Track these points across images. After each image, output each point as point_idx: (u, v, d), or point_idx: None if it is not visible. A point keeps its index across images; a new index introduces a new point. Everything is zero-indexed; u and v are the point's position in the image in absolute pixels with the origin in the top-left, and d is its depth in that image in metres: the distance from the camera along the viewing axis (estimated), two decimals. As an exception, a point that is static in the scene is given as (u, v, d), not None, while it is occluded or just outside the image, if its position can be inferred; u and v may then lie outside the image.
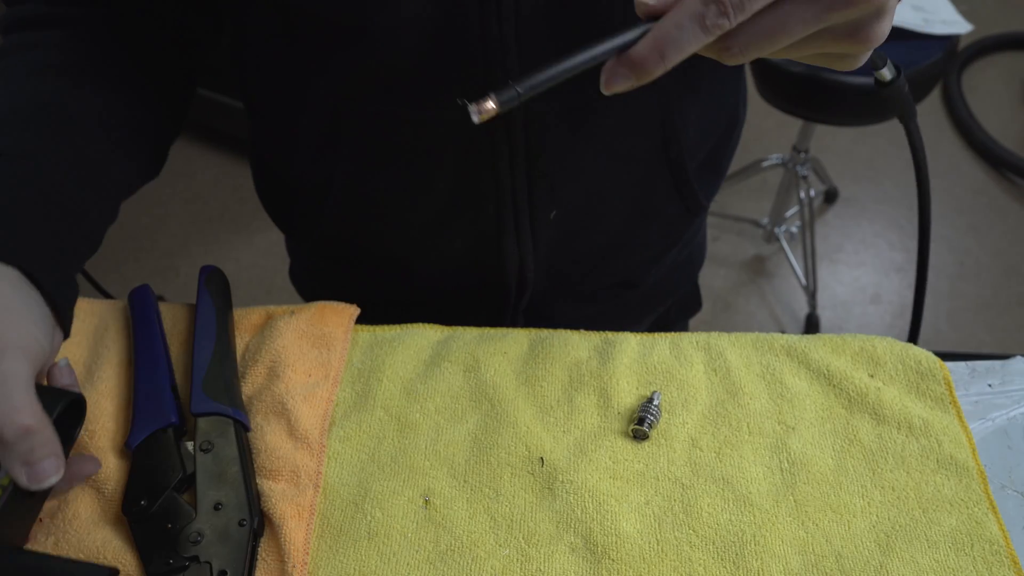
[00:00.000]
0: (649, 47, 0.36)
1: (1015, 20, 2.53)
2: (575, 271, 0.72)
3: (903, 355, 0.58)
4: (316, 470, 0.52)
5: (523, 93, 0.37)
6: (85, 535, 0.48)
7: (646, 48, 0.36)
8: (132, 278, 1.95)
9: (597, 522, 0.50)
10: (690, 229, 0.78)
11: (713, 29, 0.35)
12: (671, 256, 0.78)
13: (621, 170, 0.64)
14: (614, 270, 0.74)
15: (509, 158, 0.59)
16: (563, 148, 0.59)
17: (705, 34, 0.35)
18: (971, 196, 2.14)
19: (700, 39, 0.35)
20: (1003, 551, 0.49)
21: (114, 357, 0.57)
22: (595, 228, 0.68)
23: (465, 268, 0.69)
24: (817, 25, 0.36)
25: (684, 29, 0.35)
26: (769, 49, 0.37)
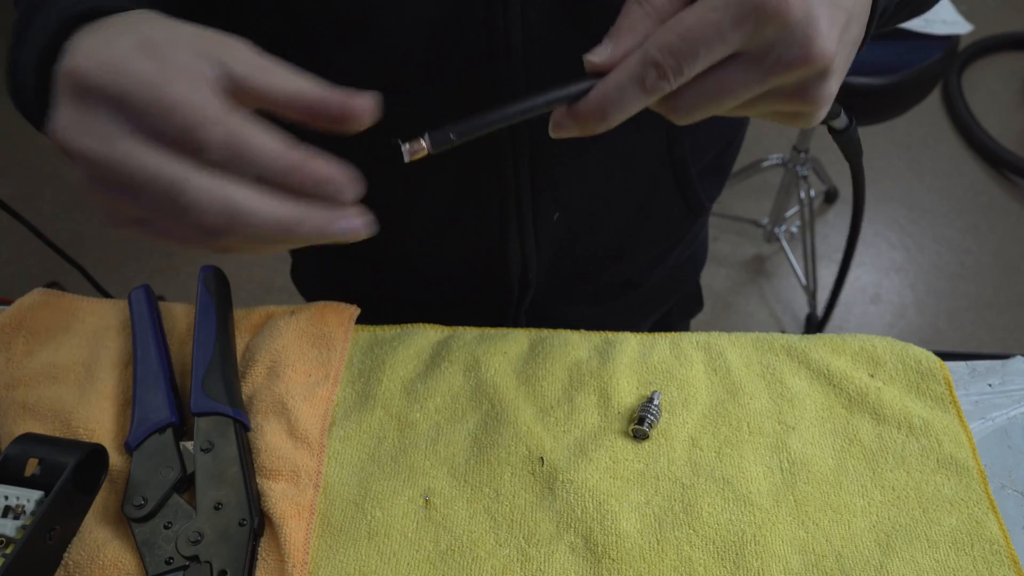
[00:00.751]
0: (592, 106, 0.37)
1: (1015, 20, 2.53)
2: (578, 272, 0.72)
3: (903, 355, 0.58)
4: (316, 470, 0.52)
5: (456, 139, 0.38)
6: (86, 535, 0.48)
7: (589, 106, 0.37)
8: (132, 278, 1.95)
9: (597, 522, 0.50)
10: (692, 229, 0.78)
11: (653, 91, 0.36)
12: (673, 256, 0.78)
13: (625, 172, 0.64)
14: (617, 271, 0.75)
15: (513, 160, 0.59)
16: (567, 150, 0.59)
17: (646, 96, 0.36)
18: (971, 196, 2.14)
19: (641, 100, 0.36)
20: (1003, 551, 0.49)
21: (114, 357, 0.57)
22: (598, 229, 0.68)
23: (468, 269, 0.69)
24: (760, 88, 0.36)
25: (625, 91, 0.36)
26: (716, 110, 0.37)
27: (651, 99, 0.36)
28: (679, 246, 0.78)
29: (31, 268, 1.95)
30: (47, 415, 0.53)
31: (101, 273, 0.83)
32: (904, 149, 2.25)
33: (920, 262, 2.00)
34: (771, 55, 0.35)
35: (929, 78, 1.45)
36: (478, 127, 0.38)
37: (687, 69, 0.35)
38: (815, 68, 0.36)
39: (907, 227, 2.07)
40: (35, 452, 0.47)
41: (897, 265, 1.99)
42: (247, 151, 0.33)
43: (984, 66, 2.46)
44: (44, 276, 1.85)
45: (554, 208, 0.63)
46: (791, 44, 0.35)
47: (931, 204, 2.12)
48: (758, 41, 0.35)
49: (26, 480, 0.46)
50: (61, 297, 0.60)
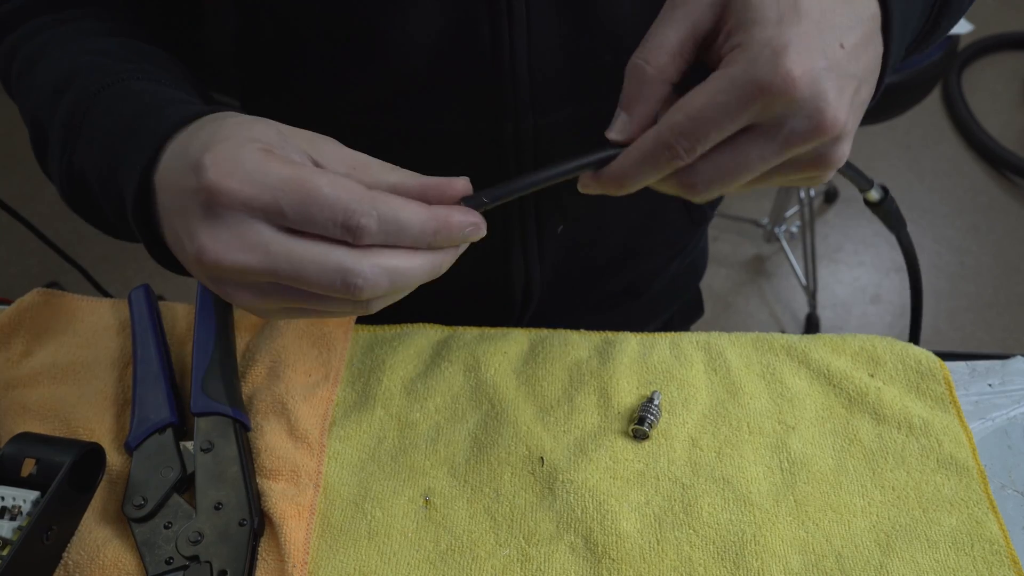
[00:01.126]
0: (612, 177, 0.40)
1: (1015, 20, 2.53)
2: (580, 282, 0.72)
3: (903, 355, 0.58)
4: (316, 470, 0.52)
5: (488, 203, 0.40)
6: (85, 534, 0.48)
7: (609, 177, 0.40)
8: (132, 278, 1.94)
9: (597, 522, 0.50)
10: (694, 238, 0.78)
11: (667, 168, 0.38)
12: (675, 265, 0.78)
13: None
14: (619, 280, 0.75)
15: (518, 171, 0.58)
16: None
17: (659, 171, 0.38)
18: (971, 196, 2.14)
19: (655, 175, 0.38)
20: (1003, 551, 0.49)
21: (114, 357, 0.57)
22: (601, 241, 0.68)
23: (471, 281, 0.68)
24: (777, 160, 0.37)
25: (641, 167, 0.38)
26: (733, 184, 0.38)
27: (664, 173, 0.38)
28: (680, 255, 0.78)
29: (31, 268, 1.95)
30: (47, 415, 0.53)
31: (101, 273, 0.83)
32: (904, 149, 2.25)
33: (920, 262, 2.00)
34: (783, 129, 0.36)
35: (929, 78, 1.45)
36: (508, 193, 0.41)
37: (698, 147, 0.37)
38: (828, 136, 0.36)
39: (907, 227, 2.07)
40: (31, 452, 0.47)
41: (897, 265, 1.98)
42: (400, 228, 0.36)
43: (984, 66, 2.46)
44: (44, 276, 1.85)
45: (558, 220, 0.63)
46: (802, 117, 0.35)
47: (931, 204, 2.12)
48: (768, 116, 0.36)
49: (23, 480, 0.46)
50: (61, 297, 0.60)
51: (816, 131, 0.36)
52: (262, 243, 0.35)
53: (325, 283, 0.35)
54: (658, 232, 0.71)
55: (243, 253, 0.35)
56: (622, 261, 0.72)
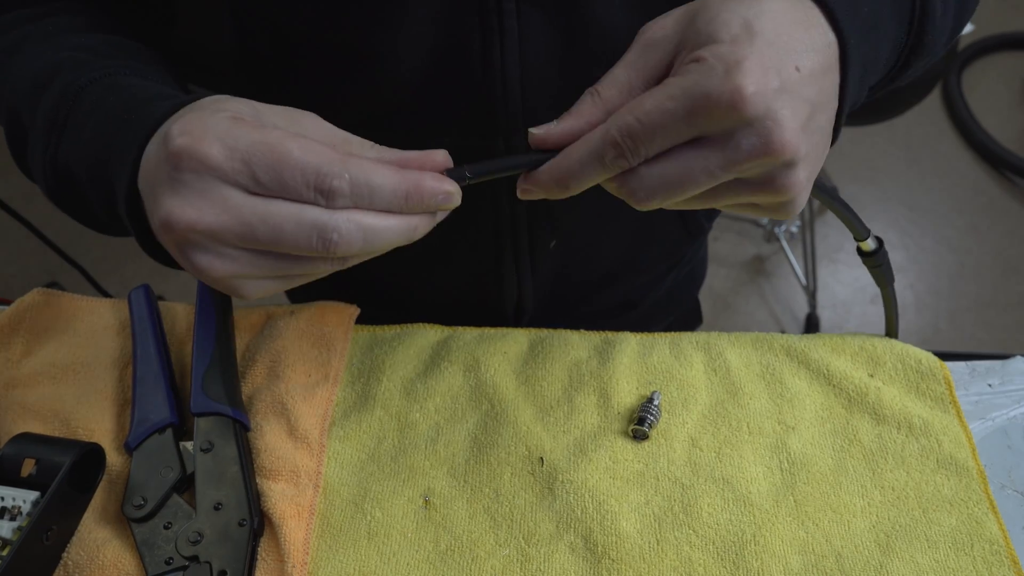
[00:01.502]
0: (552, 176, 0.39)
1: (1015, 20, 2.53)
2: (574, 296, 0.71)
3: (903, 355, 0.58)
4: (316, 470, 0.52)
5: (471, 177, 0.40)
6: (85, 534, 0.48)
7: (549, 176, 0.39)
8: (132, 278, 1.94)
9: (597, 522, 0.50)
10: (691, 250, 0.77)
11: (611, 168, 0.37)
12: (671, 277, 0.78)
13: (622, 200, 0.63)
14: (613, 293, 0.74)
15: (508, 189, 0.58)
16: None
17: (603, 170, 0.38)
18: (971, 196, 2.14)
19: (599, 174, 0.38)
20: (1003, 551, 0.49)
21: (114, 357, 0.57)
22: (595, 256, 0.67)
23: (464, 297, 0.68)
24: (723, 175, 0.37)
25: (585, 164, 0.38)
26: (678, 196, 0.38)
27: (609, 174, 0.38)
28: (677, 267, 0.77)
29: (31, 268, 1.95)
30: (47, 415, 0.53)
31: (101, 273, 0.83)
32: (904, 149, 2.25)
33: (920, 262, 2.00)
34: (730, 144, 0.36)
35: (929, 78, 1.45)
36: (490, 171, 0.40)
37: (644, 150, 0.36)
38: (778, 159, 0.36)
39: (907, 227, 2.07)
40: (31, 452, 0.47)
41: (897, 265, 1.98)
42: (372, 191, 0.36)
43: (984, 66, 2.45)
44: (44, 276, 1.85)
45: (551, 237, 0.63)
46: (751, 134, 0.35)
47: (931, 204, 2.12)
48: (716, 130, 0.36)
49: (22, 480, 0.46)
50: (61, 297, 0.60)
51: (764, 150, 0.35)
52: (235, 206, 0.35)
53: (302, 240, 0.36)
54: (653, 246, 0.70)
55: (215, 215, 0.35)
56: (616, 275, 0.71)
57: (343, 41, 0.51)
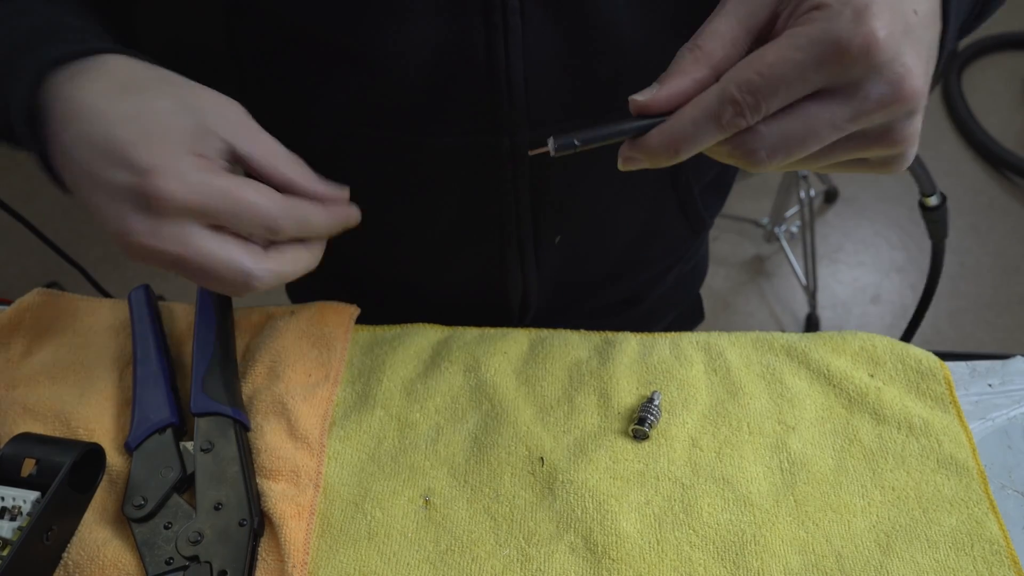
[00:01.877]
0: (664, 141, 0.36)
1: (1015, 20, 2.53)
2: (579, 292, 0.71)
3: (903, 355, 0.58)
4: (316, 470, 0.52)
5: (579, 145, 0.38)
6: (85, 534, 0.48)
7: (660, 141, 0.36)
8: (132, 278, 1.94)
9: (597, 522, 0.50)
10: (694, 246, 0.77)
11: (729, 127, 0.35)
12: (674, 272, 0.78)
13: (627, 195, 0.63)
14: (617, 289, 0.74)
15: (513, 184, 0.58)
16: (570, 174, 0.59)
17: (721, 132, 0.35)
18: (971, 196, 2.14)
19: (715, 136, 0.35)
20: (1003, 551, 0.49)
21: (114, 357, 0.57)
22: (600, 251, 0.68)
23: (468, 292, 0.68)
24: (849, 127, 0.35)
25: (700, 126, 0.35)
26: (799, 153, 0.36)
27: (725, 135, 0.36)
28: (680, 263, 0.77)
29: (31, 268, 1.96)
30: (47, 415, 0.53)
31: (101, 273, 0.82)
32: (904, 149, 2.25)
33: (920, 262, 2.00)
34: (859, 94, 0.34)
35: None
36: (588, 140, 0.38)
37: (765, 106, 0.34)
38: (906, 106, 0.34)
39: (907, 227, 2.07)
40: (31, 452, 0.47)
41: (897, 265, 1.99)
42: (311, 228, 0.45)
43: (984, 66, 2.46)
44: (44, 276, 1.85)
45: (556, 232, 0.63)
46: (880, 82, 0.33)
47: (931, 204, 2.12)
48: (844, 80, 0.34)
49: (23, 481, 0.46)
50: (61, 297, 0.60)
51: (895, 98, 0.34)
52: (190, 241, 0.41)
53: (228, 279, 0.43)
54: (656, 241, 0.70)
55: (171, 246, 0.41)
56: (620, 271, 0.71)
57: (343, 38, 0.51)
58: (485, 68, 0.51)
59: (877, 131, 0.36)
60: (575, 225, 0.63)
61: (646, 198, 0.64)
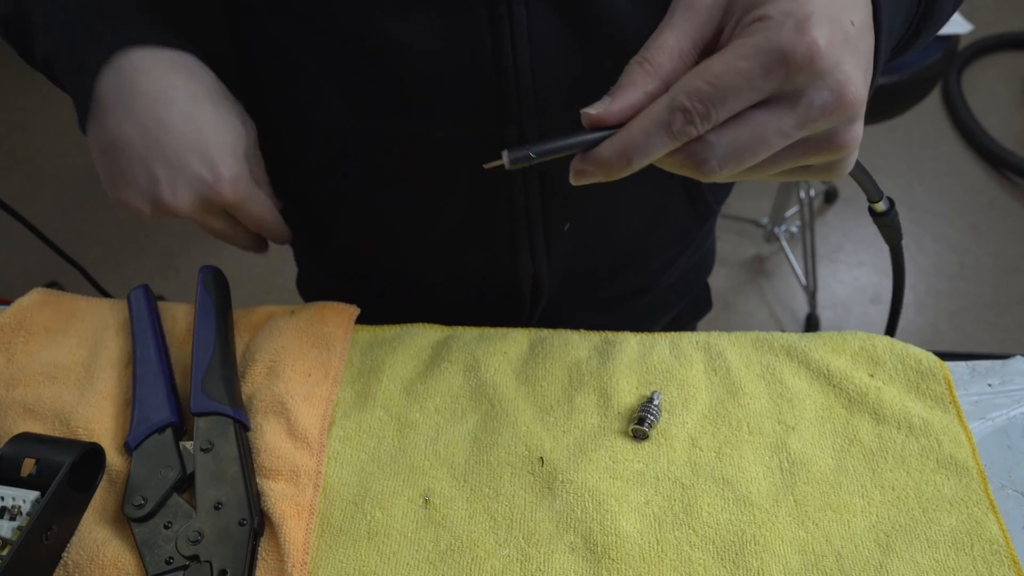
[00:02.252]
0: (616, 151, 0.37)
1: (1015, 20, 2.53)
2: (589, 281, 0.72)
3: (903, 355, 0.58)
4: (316, 470, 0.52)
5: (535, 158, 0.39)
6: (85, 534, 0.48)
7: (612, 152, 0.37)
8: (132, 278, 1.95)
9: (597, 522, 0.50)
10: (701, 234, 0.78)
11: (679, 136, 0.36)
12: (683, 261, 0.78)
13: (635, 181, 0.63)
14: (627, 278, 0.74)
15: (522, 173, 0.58)
16: None
17: (672, 141, 0.36)
18: (971, 196, 2.14)
19: (666, 145, 0.36)
20: (1003, 551, 0.49)
21: (113, 357, 0.57)
22: (609, 239, 0.68)
23: (479, 283, 0.68)
24: (796, 135, 0.36)
25: (651, 135, 0.36)
26: (749, 161, 0.37)
27: (676, 144, 0.36)
28: (688, 251, 0.77)
29: (31, 268, 1.95)
30: (47, 415, 0.53)
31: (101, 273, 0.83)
32: (904, 149, 2.25)
33: (920, 262, 2.00)
34: (803, 101, 0.35)
35: (929, 78, 1.45)
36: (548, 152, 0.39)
37: (715, 115, 0.35)
38: (848, 113, 0.35)
39: (907, 227, 2.07)
40: (31, 452, 0.47)
41: (897, 265, 1.98)
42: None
43: (984, 66, 2.46)
44: (44, 276, 1.85)
45: (565, 220, 0.63)
46: (823, 89, 0.35)
47: (931, 204, 2.12)
48: (789, 87, 0.35)
49: (22, 480, 0.46)
50: (61, 297, 0.60)
51: (838, 104, 0.35)
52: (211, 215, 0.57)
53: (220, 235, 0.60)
54: (664, 228, 0.71)
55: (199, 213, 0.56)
56: (629, 259, 0.72)
57: (349, 30, 0.51)
58: (492, 58, 0.51)
59: (821, 137, 0.37)
60: (584, 212, 0.63)
61: (653, 184, 0.65)
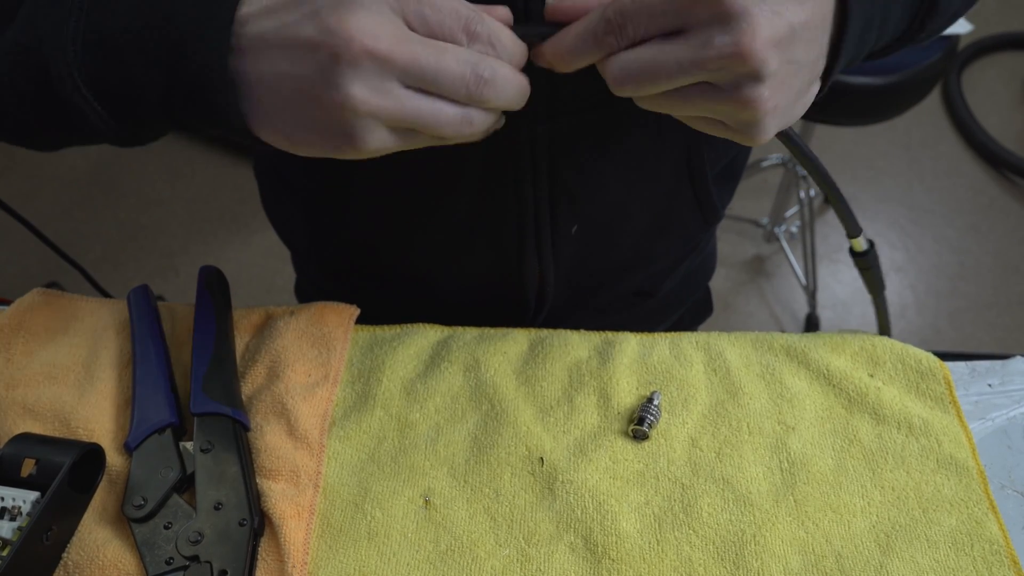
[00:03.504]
0: (553, 49, 0.41)
1: (1015, 20, 2.53)
2: (594, 284, 0.72)
3: (903, 355, 0.58)
4: (316, 470, 0.52)
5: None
6: (86, 535, 0.48)
7: (551, 50, 0.42)
8: (132, 278, 1.95)
9: (597, 522, 0.50)
10: (705, 237, 0.78)
11: (601, 45, 0.40)
12: (686, 264, 0.78)
13: (644, 184, 0.63)
14: (631, 281, 0.74)
15: (532, 175, 0.58)
16: (588, 164, 0.59)
17: (597, 48, 0.40)
18: (971, 196, 2.14)
19: (593, 51, 0.40)
20: (1003, 551, 0.49)
21: (114, 357, 0.57)
22: (616, 242, 0.68)
23: (485, 284, 0.68)
24: (691, 70, 0.38)
25: (581, 39, 0.40)
26: (648, 85, 0.40)
27: (601, 53, 0.40)
28: (691, 255, 0.78)
29: (31, 268, 1.96)
30: (47, 415, 0.53)
31: (101, 273, 0.83)
32: (904, 149, 2.25)
33: (920, 262, 2.00)
34: (702, 38, 0.38)
35: (929, 78, 1.45)
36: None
37: (631, 30, 0.39)
38: (745, 66, 0.37)
39: (907, 227, 2.07)
40: (31, 452, 0.47)
41: (897, 265, 1.99)
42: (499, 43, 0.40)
43: (984, 66, 2.46)
44: (44, 276, 1.85)
45: (572, 222, 0.63)
46: (724, 33, 0.37)
47: (931, 204, 2.12)
48: (694, 23, 0.38)
49: (22, 481, 0.46)
50: (60, 297, 0.60)
51: (734, 52, 0.37)
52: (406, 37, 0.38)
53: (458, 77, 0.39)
54: (672, 233, 0.71)
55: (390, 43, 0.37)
56: (636, 262, 0.72)
57: None
58: None
59: (726, 88, 0.39)
60: (592, 215, 0.63)
61: (662, 185, 0.65)
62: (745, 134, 0.42)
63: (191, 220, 2.09)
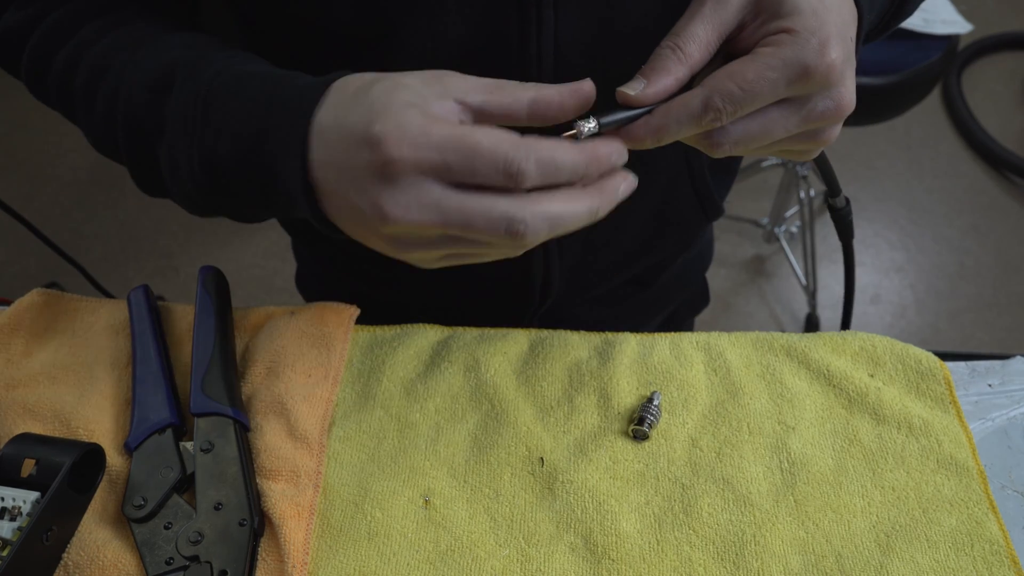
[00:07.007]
0: (650, 131, 0.42)
1: (1015, 20, 2.53)
2: (592, 277, 0.72)
3: (903, 355, 0.58)
4: (316, 470, 0.52)
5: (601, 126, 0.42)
6: (85, 535, 0.48)
7: (647, 131, 0.42)
8: (132, 278, 1.95)
9: (597, 522, 0.50)
10: (703, 230, 0.78)
11: (706, 127, 0.42)
12: (683, 256, 0.79)
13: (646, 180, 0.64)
14: (630, 274, 0.75)
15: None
16: None
17: (698, 129, 0.42)
18: (971, 196, 2.14)
19: (693, 132, 0.42)
20: (1003, 551, 0.49)
21: (114, 357, 0.57)
22: (619, 237, 0.69)
23: (489, 280, 0.68)
24: (796, 131, 0.42)
25: (682, 123, 0.41)
26: (753, 147, 0.43)
27: (700, 131, 0.42)
28: (689, 248, 0.78)
29: (31, 268, 1.95)
30: (47, 415, 0.53)
31: (101, 273, 0.83)
32: (904, 149, 2.25)
33: (920, 262, 2.00)
34: (808, 106, 0.41)
35: (929, 78, 1.45)
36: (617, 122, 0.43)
37: (740, 113, 0.41)
38: (841, 118, 0.42)
39: (907, 227, 2.07)
40: (31, 452, 0.47)
41: (897, 265, 1.98)
42: (557, 166, 0.39)
43: (984, 66, 2.45)
44: (44, 276, 1.85)
45: None
46: (828, 99, 0.41)
47: (931, 204, 2.12)
48: (800, 93, 0.41)
49: (23, 481, 0.46)
50: (61, 297, 0.60)
51: (836, 112, 0.42)
52: (434, 200, 0.38)
53: (491, 231, 0.38)
54: (673, 229, 0.72)
55: (420, 213, 0.38)
56: (637, 256, 0.72)
57: (375, 29, 0.51)
58: (517, 57, 0.52)
59: (811, 132, 0.44)
60: None
61: (663, 181, 0.66)
62: (802, 156, 0.46)
63: (191, 220, 2.08)
